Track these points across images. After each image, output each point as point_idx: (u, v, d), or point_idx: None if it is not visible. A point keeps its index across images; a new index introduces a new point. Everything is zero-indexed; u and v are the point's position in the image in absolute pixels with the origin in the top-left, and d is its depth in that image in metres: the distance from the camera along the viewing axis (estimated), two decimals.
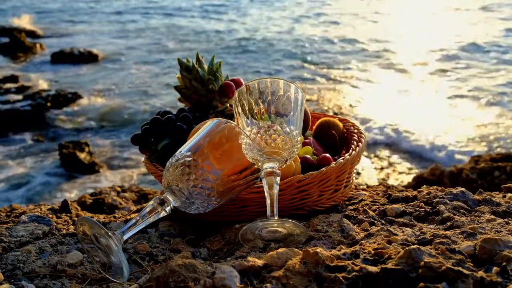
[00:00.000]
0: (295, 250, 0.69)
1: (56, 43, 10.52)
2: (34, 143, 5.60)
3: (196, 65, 1.15)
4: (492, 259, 0.64)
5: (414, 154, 5.08)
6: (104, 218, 1.10)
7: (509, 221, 0.81)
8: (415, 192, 1.05)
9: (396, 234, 0.78)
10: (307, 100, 5.31)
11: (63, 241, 0.87)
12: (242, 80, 1.17)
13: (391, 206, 0.94)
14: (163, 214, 0.76)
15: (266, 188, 0.79)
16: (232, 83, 1.14)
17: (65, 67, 8.71)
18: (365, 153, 4.79)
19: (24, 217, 0.98)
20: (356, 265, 0.62)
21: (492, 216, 0.84)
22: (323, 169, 0.90)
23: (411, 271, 0.59)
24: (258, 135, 0.82)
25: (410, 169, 4.74)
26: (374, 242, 0.75)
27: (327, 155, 0.99)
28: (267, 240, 0.80)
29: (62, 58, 9.02)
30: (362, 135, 1.07)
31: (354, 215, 0.92)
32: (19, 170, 4.97)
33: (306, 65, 8.55)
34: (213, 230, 0.93)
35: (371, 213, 0.92)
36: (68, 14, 14.42)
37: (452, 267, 0.58)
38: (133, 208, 1.51)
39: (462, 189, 0.98)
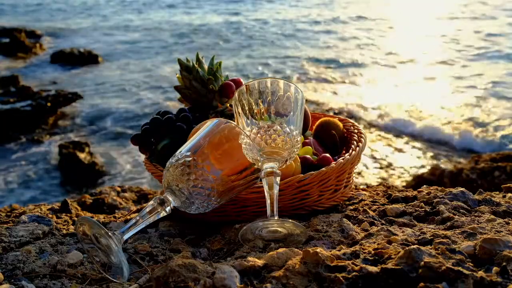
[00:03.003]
0: (295, 250, 0.69)
1: (56, 43, 10.52)
2: (34, 143, 5.60)
3: (196, 65, 1.15)
4: (492, 259, 0.64)
5: (414, 154, 5.08)
6: (104, 218, 1.10)
7: (509, 221, 0.81)
8: (415, 192, 1.05)
9: (396, 234, 0.78)
10: (307, 100, 5.31)
11: (63, 241, 0.87)
12: (242, 80, 1.17)
13: (391, 206, 0.94)
14: (163, 214, 0.76)
15: (266, 188, 0.79)
16: (232, 83, 1.14)
17: (65, 67, 8.71)
18: (365, 153, 4.79)
19: (24, 217, 0.98)
20: (356, 265, 0.62)
21: (492, 216, 0.84)
22: (323, 169, 0.90)
23: (411, 271, 0.59)
24: (258, 135, 0.82)
25: (410, 169, 4.74)
26: (374, 242, 0.75)
27: (327, 155, 0.99)
28: (267, 240, 0.80)
29: (62, 58, 9.03)
30: (362, 135, 1.07)
31: (354, 215, 0.92)
32: (19, 170, 4.97)
33: (306, 65, 8.54)
34: (213, 230, 0.93)
35: (371, 213, 0.92)
36: (68, 14, 14.41)
37: (452, 267, 0.58)
38: (133, 208, 1.51)
39: (462, 189, 0.98)
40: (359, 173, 4.63)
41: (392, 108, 6.32)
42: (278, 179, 0.80)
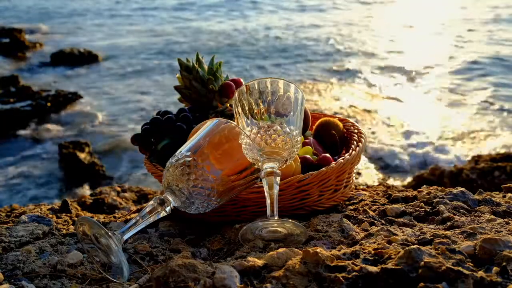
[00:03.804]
0: (295, 250, 0.69)
1: (56, 43, 10.52)
2: (34, 143, 5.60)
3: (196, 65, 1.15)
4: (492, 259, 0.64)
5: (414, 154, 5.07)
6: (104, 218, 1.10)
7: (509, 221, 0.81)
8: (415, 192, 1.05)
9: (396, 234, 0.78)
10: (307, 100, 5.31)
11: (63, 241, 0.87)
12: (242, 80, 1.17)
13: (391, 206, 0.94)
14: (163, 214, 0.76)
15: (266, 188, 0.79)
16: (232, 83, 1.14)
17: (65, 67, 8.71)
18: (365, 153, 4.78)
19: (24, 217, 0.98)
20: (356, 265, 0.62)
21: (492, 216, 0.84)
22: (323, 169, 0.90)
23: (411, 271, 0.59)
24: (258, 135, 0.82)
25: (410, 169, 4.74)
26: (374, 242, 0.75)
27: (327, 155, 0.99)
28: (267, 240, 0.80)
29: (62, 58, 9.02)
30: (362, 135, 1.07)
31: (354, 215, 0.92)
32: (19, 170, 4.97)
33: (306, 65, 8.55)
34: (213, 230, 0.93)
35: (371, 213, 0.92)
36: (69, 14, 14.42)
37: (452, 267, 0.58)
38: (133, 208, 1.51)
39: (462, 189, 0.98)
40: (359, 173, 4.63)
41: (391, 109, 6.32)
42: (278, 179, 0.80)
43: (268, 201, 0.78)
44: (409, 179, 4.20)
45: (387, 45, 9.65)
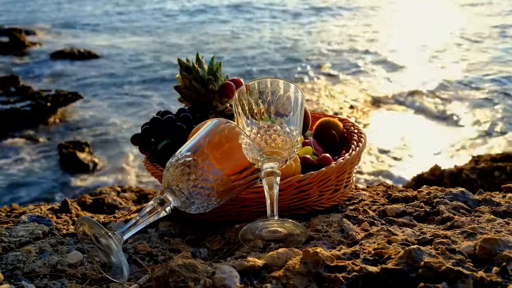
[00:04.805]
0: (295, 250, 0.69)
1: (56, 42, 10.52)
2: (34, 143, 5.60)
3: (196, 65, 1.15)
4: (492, 259, 0.64)
5: (414, 153, 5.08)
6: (104, 218, 1.10)
7: (509, 221, 0.81)
8: (415, 192, 1.05)
9: (396, 234, 0.78)
10: (307, 100, 5.30)
11: (63, 241, 0.87)
12: (242, 80, 1.17)
13: (391, 206, 0.94)
14: (163, 214, 0.76)
15: (266, 188, 0.79)
16: (232, 83, 1.14)
17: (65, 67, 8.71)
18: (365, 153, 4.77)
19: (24, 217, 0.98)
20: (356, 265, 0.62)
21: (492, 216, 0.84)
22: (323, 169, 0.90)
23: (411, 271, 0.59)
24: (258, 135, 0.82)
25: (410, 169, 4.74)
26: (374, 242, 0.75)
27: (327, 155, 0.99)
28: (267, 240, 0.80)
29: (62, 58, 9.03)
30: (362, 135, 1.07)
31: (354, 215, 0.92)
32: (19, 170, 4.97)
33: (306, 65, 8.55)
34: (213, 230, 0.93)
35: (371, 213, 0.92)
36: (69, 14, 14.42)
37: (452, 267, 0.58)
38: (133, 208, 1.51)
39: (462, 189, 0.98)
40: (359, 173, 4.63)
41: (391, 110, 6.32)
42: (278, 179, 0.80)
43: (268, 201, 0.78)
44: (409, 179, 4.21)
45: (389, 46, 9.65)
